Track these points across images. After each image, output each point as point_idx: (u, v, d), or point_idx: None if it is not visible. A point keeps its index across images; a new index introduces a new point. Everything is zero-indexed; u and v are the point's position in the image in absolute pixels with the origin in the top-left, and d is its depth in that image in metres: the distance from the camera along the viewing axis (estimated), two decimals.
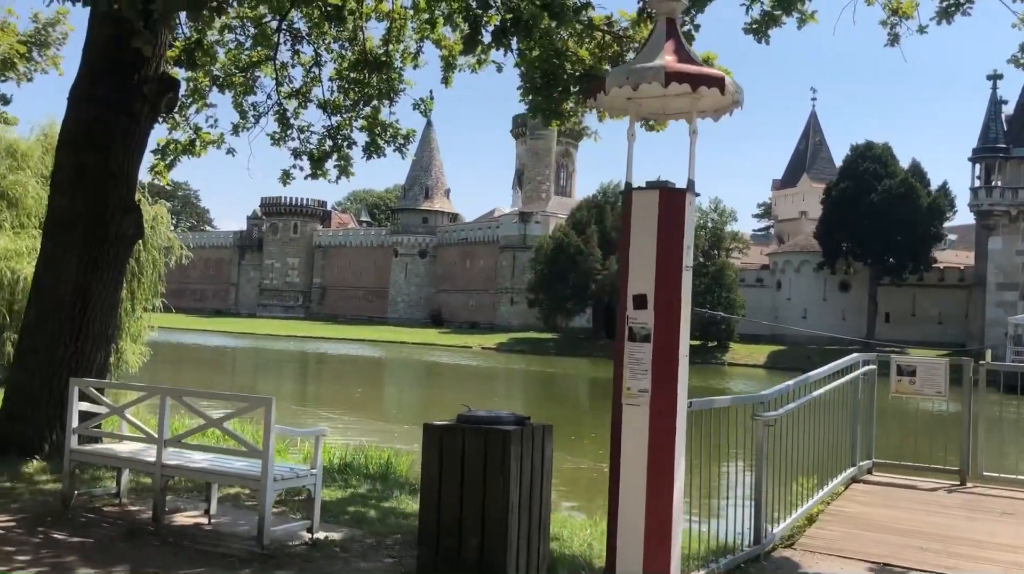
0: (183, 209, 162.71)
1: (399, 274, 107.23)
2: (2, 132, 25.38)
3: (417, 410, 26.81)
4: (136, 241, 9.36)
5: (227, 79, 10.50)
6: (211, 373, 38.40)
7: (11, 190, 24.33)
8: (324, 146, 11.27)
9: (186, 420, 10.70)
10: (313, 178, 11.29)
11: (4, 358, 22.00)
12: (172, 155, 10.60)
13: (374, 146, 11.11)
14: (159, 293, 28.02)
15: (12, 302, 21.87)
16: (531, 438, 5.43)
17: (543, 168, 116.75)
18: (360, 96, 11.01)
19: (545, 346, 74.39)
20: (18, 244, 22.62)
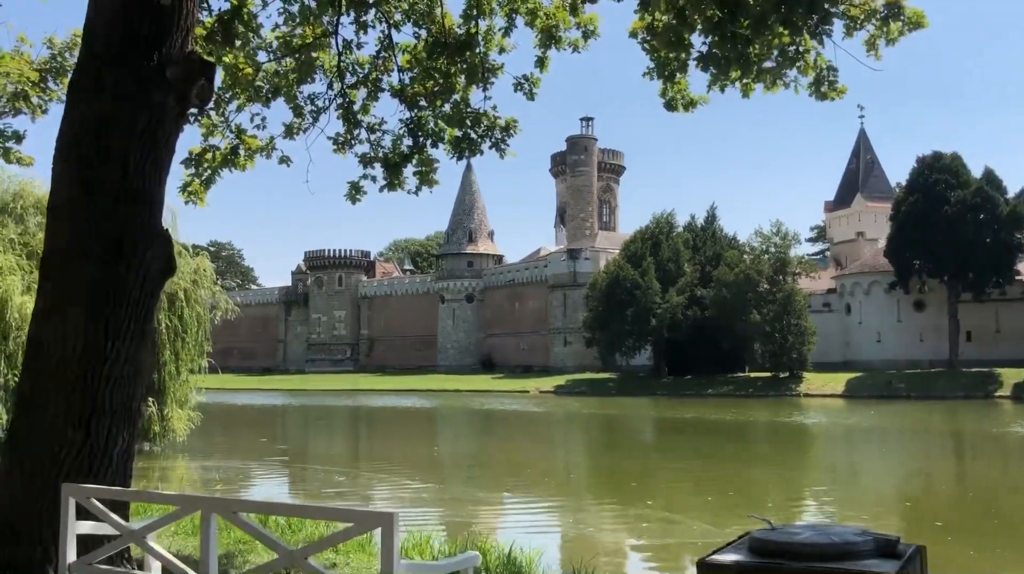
0: (227, 268, 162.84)
1: (447, 320, 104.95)
2: (30, 187, 23.46)
3: (498, 468, 23.98)
4: (166, 279, 6.80)
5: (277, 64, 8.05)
6: (264, 435, 36.00)
7: (41, 249, 22.31)
8: (400, 147, 8.74)
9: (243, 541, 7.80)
10: (390, 188, 8.75)
11: None
12: (209, 168, 8.14)
13: (466, 142, 8.55)
14: (205, 352, 25.78)
15: None
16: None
17: (585, 205, 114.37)
18: (444, 81, 8.49)
19: (605, 387, 71.20)
20: None
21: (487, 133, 8.61)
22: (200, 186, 8.19)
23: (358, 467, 23.51)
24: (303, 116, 8.34)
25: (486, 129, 8.59)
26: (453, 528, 13.18)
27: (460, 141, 8.54)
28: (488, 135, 8.61)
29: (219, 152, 8.12)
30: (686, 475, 22.13)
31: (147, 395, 23.10)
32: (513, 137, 8.68)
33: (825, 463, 27.03)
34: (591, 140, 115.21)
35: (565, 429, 40.22)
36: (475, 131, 8.55)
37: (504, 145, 8.67)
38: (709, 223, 75.85)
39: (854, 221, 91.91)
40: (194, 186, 8.21)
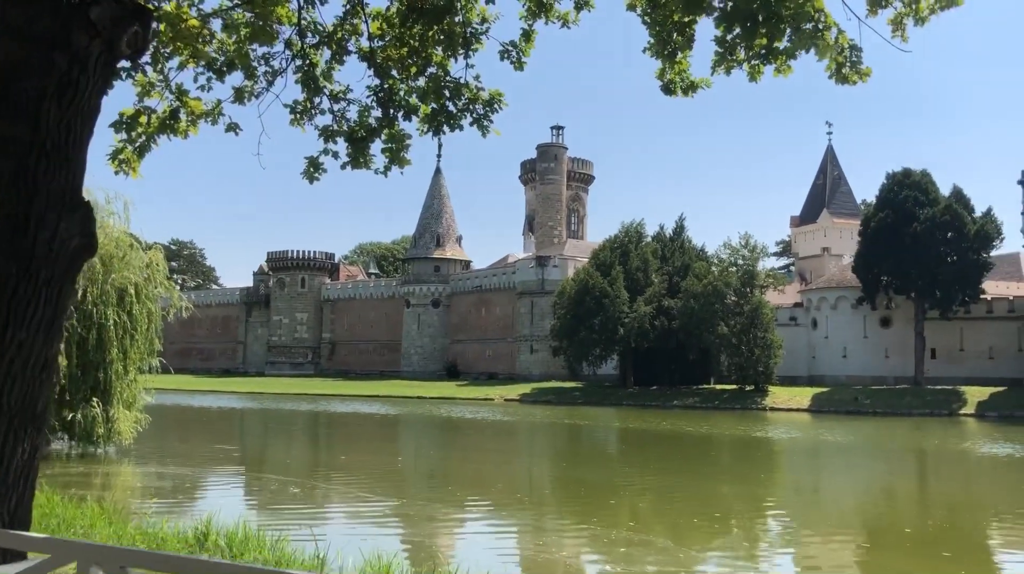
0: (189, 267, 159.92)
1: (412, 325, 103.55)
2: None
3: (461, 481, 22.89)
4: (85, 257, 5.66)
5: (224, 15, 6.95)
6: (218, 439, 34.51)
7: None
8: (368, 119, 7.68)
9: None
10: (354, 166, 7.69)
11: None
12: (144, 133, 7.02)
13: (444, 115, 7.52)
14: (156, 351, 24.42)
15: None
16: None
17: (554, 213, 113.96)
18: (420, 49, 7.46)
19: (571, 396, 70.31)
20: None
21: (468, 107, 7.58)
22: (133, 154, 7.06)
23: (315, 477, 22.28)
24: (255, 78, 7.27)
25: (467, 102, 7.56)
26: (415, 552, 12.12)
27: (437, 114, 7.49)
28: (469, 109, 7.58)
29: (156, 116, 7.01)
30: (651, 490, 21.28)
31: (91, 395, 21.73)
32: (497, 112, 7.67)
33: (790, 478, 26.36)
34: (561, 149, 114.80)
35: (530, 439, 39.23)
36: (454, 104, 7.52)
37: (487, 121, 7.64)
38: (678, 234, 75.44)
39: (820, 237, 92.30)
40: (126, 154, 7.08)
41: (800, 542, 15.60)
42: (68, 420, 21.23)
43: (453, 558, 12.24)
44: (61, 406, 21.15)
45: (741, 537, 15.70)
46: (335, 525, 14.15)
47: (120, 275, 22.30)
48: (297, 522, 14.39)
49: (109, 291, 21.90)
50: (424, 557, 11.96)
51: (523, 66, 7.65)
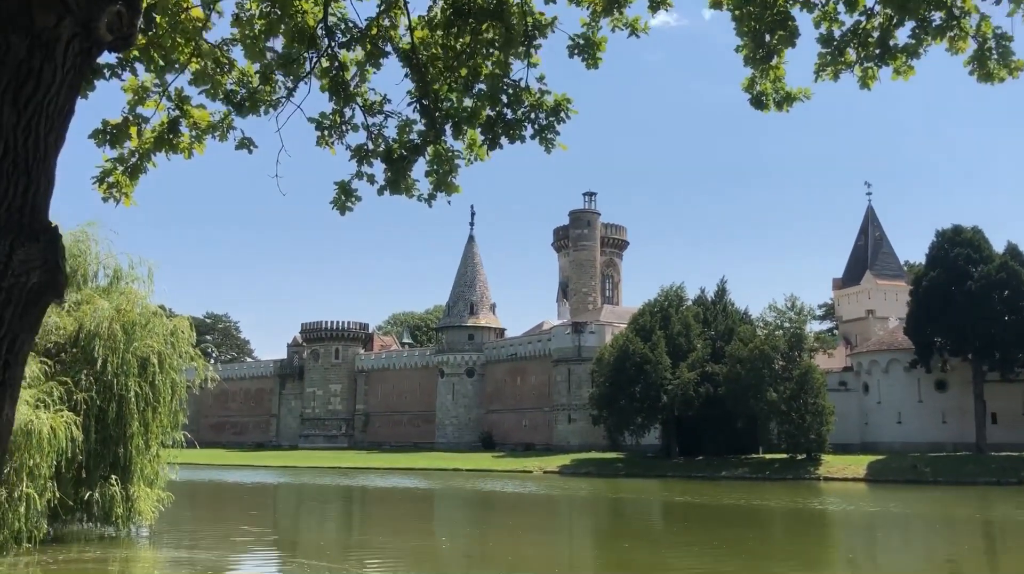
0: (223, 341, 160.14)
1: (446, 395, 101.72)
2: None
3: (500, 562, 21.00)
4: (49, 297, 4.16)
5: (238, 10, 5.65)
6: (248, 518, 32.84)
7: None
8: (409, 136, 6.30)
9: None
10: (393, 190, 6.29)
11: None
12: (137, 150, 5.67)
13: (501, 125, 6.11)
14: (180, 424, 23.02)
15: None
16: None
17: (588, 279, 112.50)
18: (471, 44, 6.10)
19: (613, 467, 67.73)
20: None
21: (529, 115, 6.17)
22: (124, 177, 5.72)
23: (348, 560, 20.49)
24: (272, 84, 5.94)
25: (528, 109, 6.15)
26: None
27: (493, 123, 6.08)
28: (530, 117, 6.17)
29: (149, 130, 5.66)
30: (698, 569, 19.25)
31: (110, 472, 20.30)
32: (564, 123, 6.25)
33: (849, 554, 24.07)
34: (594, 215, 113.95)
35: (570, 515, 37.05)
36: (512, 111, 6.12)
37: (551, 133, 6.23)
38: (720, 297, 73.45)
39: (864, 299, 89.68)
40: (116, 176, 5.73)
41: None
42: (85, 499, 19.76)
43: None
44: (78, 484, 19.73)
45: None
46: None
47: (143, 343, 21.08)
48: None
49: (130, 360, 20.64)
50: None
51: (598, 63, 6.25)
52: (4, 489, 16.84)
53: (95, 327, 20.51)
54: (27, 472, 17.11)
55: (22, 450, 17.00)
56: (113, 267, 23.88)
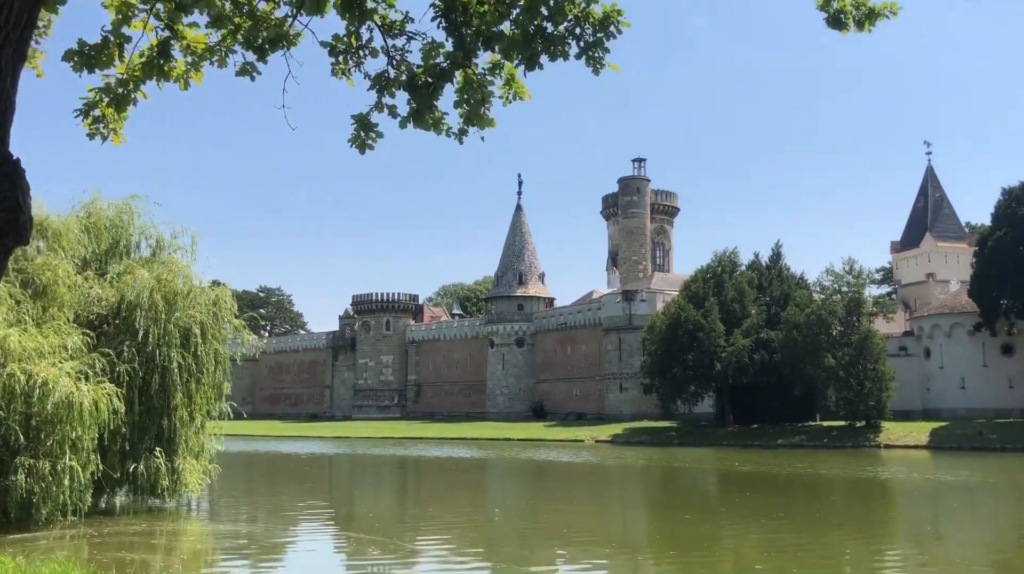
0: (277, 314, 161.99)
1: (496, 366, 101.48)
2: None
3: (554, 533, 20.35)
4: (8, 244, 3.48)
5: None
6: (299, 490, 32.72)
7: (39, 275, 19.55)
8: (435, 60, 5.49)
9: None
10: (418, 123, 5.51)
11: (17, 490, 16.71)
12: (128, 79, 4.96)
13: (541, 41, 5.26)
14: (224, 395, 22.73)
15: (29, 415, 16.65)
16: None
17: (638, 247, 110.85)
18: None
19: (666, 436, 66.80)
20: (38, 341, 17.53)
21: (573, 29, 5.32)
22: (111, 110, 5.03)
23: (403, 532, 20.01)
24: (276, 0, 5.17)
25: (573, 22, 5.30)
26: None
27: (532, 39, 5.24)
28: (575, 33, 5.32)
29: (136, 54, 4.95)
30: (758, 541, 18.37)
31: (155, 444, 20.08)
32: (614, 38, 5.39)
33: (911, 524, 22.95)
34: (643, 181, 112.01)
35: (624, 485, 36.29)
36: (554, 23, 5.27)
37: (599, 51, 5.37)
38: (775, 261, 71.54)
39: (923, 262, 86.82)
40: (102, 109, 5.05)
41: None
42: (130, 472, 19.57)
43: None
44: (123, 457, 19.54)
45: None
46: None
47: (184, 314, 20.73)
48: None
49: (172, 331, 20.32)
50: None
51: None
52: (48, 462, 16.64)
53: (136, 298, 20.22)
54: (70, 445, 16.90)
55: (64, 422, 16.78)
56: (156, 237, 23.61)
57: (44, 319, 18.78)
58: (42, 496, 16.29)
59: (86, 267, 21.91)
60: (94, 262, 22.38)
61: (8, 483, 16.30)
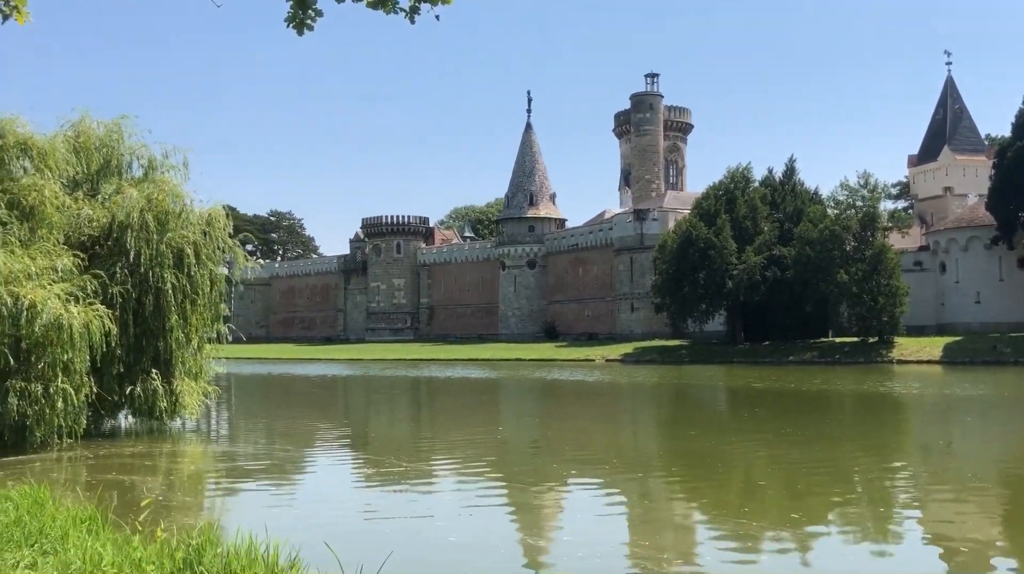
0: (288, 238, 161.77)
1: (508, 287, 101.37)
2: (12, 126, 20.24)
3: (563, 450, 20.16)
4: None
5: None
6: (306, 410, 32.75)
7: (25, 196, 19.03)
8: None
9: None
10: None
11: (9, 413, 16.54)
12: None
13: None
14: (222, 317, 22.40)
15: (19, 338, 16.34)
16: None
17: (651, 165, 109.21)
18: None
19: (676, 354, 66.80)
20: (25, 263, 17.12)
21: None
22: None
23: (415, 450, 19.84)
24: None
25: None
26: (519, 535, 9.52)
27: None
28: None
29: None
30: (766, 456, 18.11)
31: (151, 366, 19.84)
32: None
33: (922, 440, 22.65)
34: (656, 97, 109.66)
35: (635, 403, 36.20)
36: None
37: None
38: (788, 177, 70.25)
39: (941, 176, 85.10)
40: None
41: (932, 511, 12.42)
42: (127, 394, 19.39)
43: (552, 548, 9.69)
44: (120, 379, 19.33)
45: (866, 509, 12.65)
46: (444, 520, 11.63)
47: (177, 234, 20.24)
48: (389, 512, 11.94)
49: (165, 252, 19.86)
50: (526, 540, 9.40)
51: None
52: (39, 385, 16.43)
53: (126, 218, 19.72)
54: (61, 367, 16.64)
55: (54, 345, 16.49)
56: (147, 157, 22.97)
57: (32, 241, 18.34)
58: (36, 419, 16.11)
59: (77, 188, 21.37)
60: (85, 183, 21.82)
61: (0, 407, 16.10)
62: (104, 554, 6.47)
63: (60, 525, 7.49)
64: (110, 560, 6.34)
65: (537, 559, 9.49)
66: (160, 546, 6.76)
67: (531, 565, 9.07)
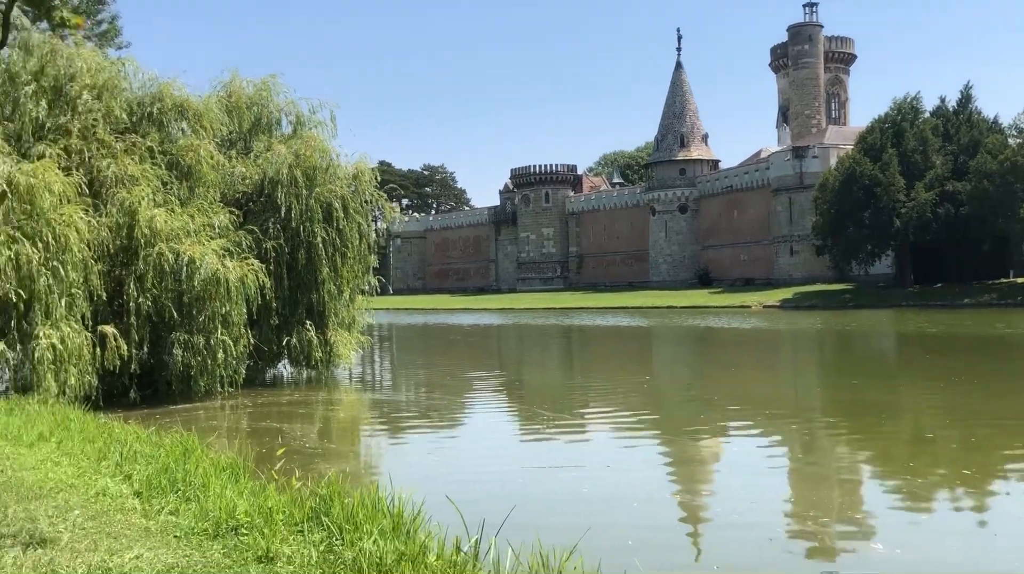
0: (441, 192, 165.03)
1: (659, 233, 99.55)
2: (169, 89, 21.08)
3: (719, 399, 19.47)
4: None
5: None
6: (458, 358, 33.26)
7: (183, 157, 19.84)
8: None
9: None
10: None
11: (175, 364, 17.43)
12: None
13: None
14: (371, 269, 22.85)
15: (180, 293, 17.14)
16: None
17: (811, 100, 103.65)
18: None
19: (839, 299, 63.70)
20: (183, 220, 17.89)
21: None
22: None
23: (569, 398, 19.70)
24: None
25: None
26: (673, 507, 9.09)
27: None
28: None
29: None
30: (938, 406, 16.71)
31: (305, 317, 20.47)
32: None
33: None
34: (816, 28, 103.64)
35: (795, 350, 34.62)
36: None
37: None
38: (963, 105, 64.84)
39: None
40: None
41: None
42: (283, 345, 20.11)
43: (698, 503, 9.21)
44: (276, 330, 20.05)
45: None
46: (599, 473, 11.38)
47: (325, 188, 20.65)
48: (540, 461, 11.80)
49: (314, 206, 20.31)
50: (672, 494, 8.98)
51: None
52: (201, 337, 17.18)
53: (276, 174, 20.27)
54: (220, 320, 17.33)
55: (212, 299, 17.18)
56: (295, 113, 23.51)
57: (191, 200, 19.12)
58: (199, 369, 16.89)
59: (230, 147, 22.13)
60: (238, 141, 22.58)
61: (167, 358, 16.98)
62: (239, 503, 6.52)
63: (202, 473, 7.65)
64: (244, 508, 6.37)
65: (682, 515, 9.01)
66: (292, 495, 6.76)
67: (673, 521, 8.60)
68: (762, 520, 8.48)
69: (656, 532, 8.01)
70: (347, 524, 5.91)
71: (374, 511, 6.17)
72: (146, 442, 9.53)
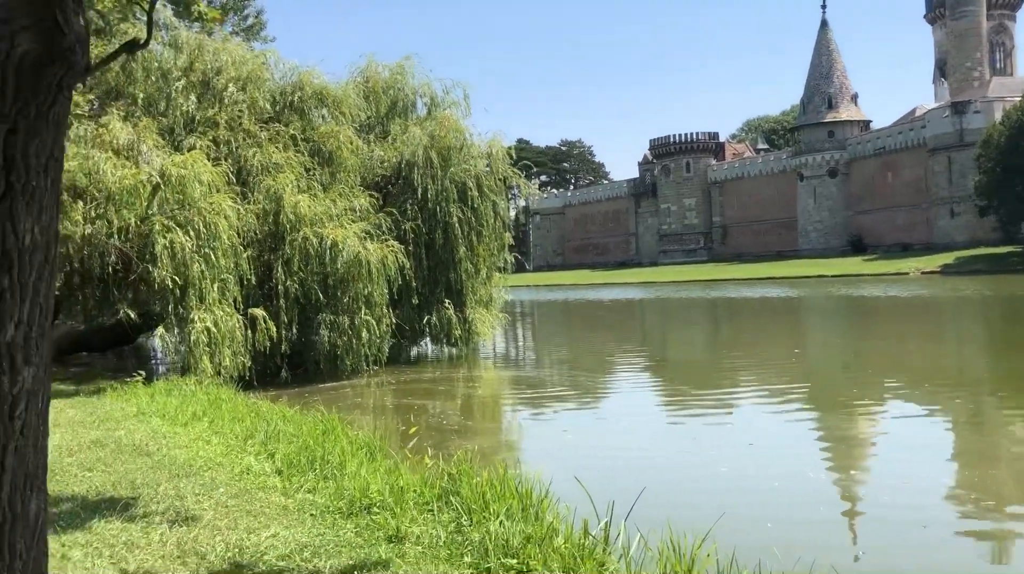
0: (580, 167, 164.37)
1: (807, 199, 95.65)
2: (310, 77, 21.72)
3: (876, 372, 18.49)
4: (56, 75, 2.66)
5: None
6: (610, 335, 33.06)
7: (324, 143, 20.44)
8: None
9: None
10: None
11: (322, 344, 18.06)
12: None
13: None
14: (507, 246, 22.93)
15: (325, 275, 17.72)
16: None
17: (971, 51, 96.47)
18: None
19: (1007, 263, 59.42)
20: (325, 205, 18.45)
21: None
22: None
23: (717, 372, 19.26)
24: None
25: None
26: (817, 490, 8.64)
27: None
28: None
29: None
30: None
31: (444, 296, 20.78)
32: None
33: None
34: None
35: (958, 319, 32.44)
36: None
37: None
38: None
39: None
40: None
41: None
42: (424, 323, 20.50)
43: (861, 479, 8.70)
44: (418, 309, 20.44)
45: None
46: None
47: (459, 168, 20.83)
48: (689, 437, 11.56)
49: (449, 187, 20.53)
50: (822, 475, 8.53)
51: None
52: (346, 317, 17.70)
53: (412, 156, 20.59)
54: (363, 300, 17.79)
55: (355, 280, 17.65)
56: (430, 95, 23.79)
57: (332, 184, 19.69)
58: (344, 349, 17.41)
59: (369, 131, 22.63)
60: (376, 125, 23.06)
61: (315, 338, 17.60)
62: (372, 482, 6.60)
63: (339, 451, 7.81)
64: (377, 487, 6.45)
65: (826, 497, 8.52)
66: (423, 475, 6.80)
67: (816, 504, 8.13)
68: (916, 502, 7.91)
69: (797, 516, 7.60)
70: (475, 504, 5.87)
71: (502, 491, 6.11)
72: (290, 421, 9.86)
